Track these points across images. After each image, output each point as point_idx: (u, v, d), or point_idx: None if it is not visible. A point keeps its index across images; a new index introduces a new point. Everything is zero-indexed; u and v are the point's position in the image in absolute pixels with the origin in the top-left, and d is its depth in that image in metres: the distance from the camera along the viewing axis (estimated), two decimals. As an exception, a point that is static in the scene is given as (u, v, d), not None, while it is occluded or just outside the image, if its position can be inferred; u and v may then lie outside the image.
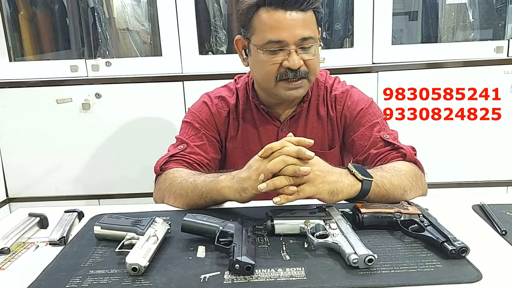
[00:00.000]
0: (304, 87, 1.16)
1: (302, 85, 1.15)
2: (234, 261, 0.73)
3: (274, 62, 1.12)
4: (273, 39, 1.10)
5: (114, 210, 1.01)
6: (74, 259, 0.82)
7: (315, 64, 1.15)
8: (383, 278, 0.71)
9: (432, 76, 1.96)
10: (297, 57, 1.11)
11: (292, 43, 1.10)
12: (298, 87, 1.15)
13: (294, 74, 1.12)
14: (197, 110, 1.27)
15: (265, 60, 1.13)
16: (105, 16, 2.07)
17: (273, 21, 1.10)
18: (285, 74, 1.12)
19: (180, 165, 1.15)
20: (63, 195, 2.09)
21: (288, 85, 1.14)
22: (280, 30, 1.09)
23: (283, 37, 1.09)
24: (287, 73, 1.12)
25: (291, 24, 1.09)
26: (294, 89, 1.15)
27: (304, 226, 0.86)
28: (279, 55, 1.12)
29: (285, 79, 1.13)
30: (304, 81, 1.15)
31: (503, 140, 2.01)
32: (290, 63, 1.10)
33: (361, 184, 0.94)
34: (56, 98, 1.98)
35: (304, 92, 1.19)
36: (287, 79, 1.13)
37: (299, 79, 1.13)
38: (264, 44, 1.12)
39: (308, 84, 1.17)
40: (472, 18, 2.07)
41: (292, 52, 1.10)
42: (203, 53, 2.03)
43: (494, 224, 0.89)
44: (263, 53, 1.12)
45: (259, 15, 1.12)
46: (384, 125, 1.21)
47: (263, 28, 1.11)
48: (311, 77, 1.16)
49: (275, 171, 0.89)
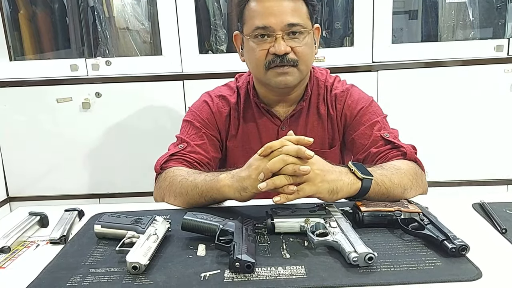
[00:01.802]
0: (293, 75, 1.15)
1: (290, 71, 1.14)
2: (235, 260, 0.73)
3: (262, 48, 1.13)
4: (259, 25, 1.12)
5: (115, 209, 1.01)
6: (74, 257, 0.82)
7: (305, 53, 1.14)
8: (383, 276, 0.72)
9: (432, 75, 1.96)
10: (283, 43, 1.11)
11: (279, 29, 1.11)
12: (286, 73, 1.14)
13: (281, 60, 1.12)
14: (197, 109, 1.27)
15: (254, 47, 1.15)
16: (105, 15, 2.06)
17: (260, 8, 1.12)
18: (273, 61, 1.13)
19: (180, 164, 1.15)
20: (64, 194, 2.09)
21: (276, 70, 1.14)
22: (267, 16, 1.11)
23: (269, 22, 1.10)
24: (274, 59, 1.13)
25: (279, 10, 1.10)
26: (282, 75, 1.14)
27: (304, 225, 0.86)
28: (267, 42, 1.13)
29: (273, 66, 1.13)
30: (293, 69, 1.14)
31: (503, 138, 2.00)
32: (276, 48, 1.11)
33: (361, 182, 0.94)
34: (56, 97, 1.98)
35: (294, 81, 1.17)
36: (276, 66, 1.13)
37: (288, 67, 1.13)
38: (252, 31, 1.13)
39: (298, 73, 1.16)
40: (472, 17, 2.07)
41: (278, 38, 1.11)
42: (203, 52, 2.03)
43: (494, 222, 0.89)
44: (252, 41, 1.14)
45: (249, 5, 1.14)
46: (384, 124, 1.21)
47: (252, 16, 1.13)
48: (302, 66, 1.15)
49: (274, 170, 0.89)
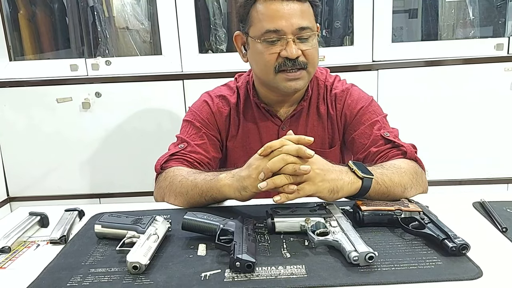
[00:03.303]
0: (304, 79, 1.15)
1: (301, 76, 1.14)
2: (235, 259, 0.73)
3: (272, 52, 1.12)
4: (270, 28, 1.10)
5: (115, 209, 1.01)
6: (74, 257, 0.82)
7: (314, 55, 1.14)
8: (384, 276, 0.72)
9: (432, 73, 1.96)
10: (295, 47, 1.10)
11: (290, 33, 1.10)
12: (297, 78, 1.14)
13: (293, 63, 1.12)
14: (198, 109, 1.27)
15: (263, 50, 1.13)
16: (105, 15, 2.06)
17: (271, 11, 1.10)
18: (284, 64, 1.12)
19: (181, 164, 1.15)
20: (64, 194, 2.09)
21: (287, 76, 1.13)
22: (278, 19, 1.09)
23: (280, 26, 1.09)
24: (286, 63, 1.12)
25: (289, 13, 1.09)
26: (293, 80, 1.14)
27: (305, 224, 0.86)
28: (277, 45, 1.12)
29: (283, 69, 1.13)
30: (303, 72, 1.14)
31: (503, 137, 2.00)
32: (288, 52, 1.10)
33: (362, 181, 0.94)
34: (56, 97, 1.98)
35: (304, 85, 1.17)
36: (286, 70, 1.12)
37: (298, 69, 1.13)
38: (262, 34, 1.12)
39: (307, 76, 1.16)
40: (472, 16, 2.07)
41: (289, 41, 1.10)
42: (203, 51, 2.03)
43: (495, 221, 0.89)
44: (261, 44, 1.13)
45: (256, 7, 1.12)
46: (384, 123, 1.21)
47: (261, 18, 1.11)
48: (310, 69, 1.15)
49: (275, 169, 0.89)
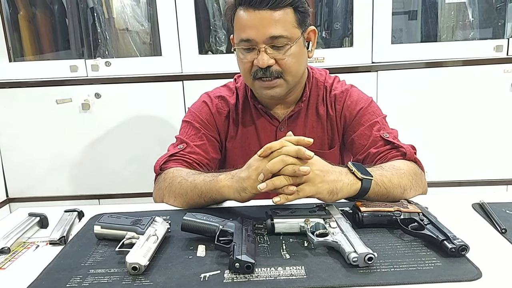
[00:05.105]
0: (281, 86, 1.15)
1: (278, 84, 1.14)
2: (234, 260, 0.73)
3: (247, 60, 1.14)
4: (243, 37, 1.11)
5: (114, 210, 1.01)
6: (74, 258, 0.82)
7: (289, 64, 1.13)
8: (383, 276, 0.72)
9: (431, 75, 1.96)
10: (266, 56, 1.10)
11: (261, 42, 1.10)
12: (274, 86, 1.14)
13: (264, 73, 1.12)
14: (197, 109, 1.27)
15: (241, 58, 1.15)
16: (105, 16, 2.07)
17: (244, 20, 1.11)
18: (257, 73, 1.13)
19: (180, 165, 1.15)
20: (63, 195, 2.09)
21: (262, 84, 1.15)
22: (249, 29, 1.10)
23: (251, 35, 1.10)
24: (258, 72, 1.13)
25: (259, 23, 1.09)
26: (269, 88, 1.15)
27: (304, 225, 0.86)
28: (251, 54, 1.13)
29: (258, 77, 1.14)
30: (279, 81, 1.14)
31: (502, 139, 2.01)
32: (259, 62, 1.11)
33: (361, 182, 0.94)
34: (56, 98, 1.98)
35: (282, 92, 1.17)
36: (261, 78, 1.13)
37: (273, 78, 1.13)
38: (238, 43, 1.14)
39: (285, 84, 1.15)
40: (471, 17, 2.07)
41: (261, 51, 1.10)
42: (202, 52, 2.03)
43: (494, 222, 0.89)
44: (239, 51, 1.15)
45: (237, 15, 1.13)
46: (383, 124, 1.21)
47: (237, 27, 1.13)
48: (288, 77, 1.14)
49: (274, 171, 0.89)
